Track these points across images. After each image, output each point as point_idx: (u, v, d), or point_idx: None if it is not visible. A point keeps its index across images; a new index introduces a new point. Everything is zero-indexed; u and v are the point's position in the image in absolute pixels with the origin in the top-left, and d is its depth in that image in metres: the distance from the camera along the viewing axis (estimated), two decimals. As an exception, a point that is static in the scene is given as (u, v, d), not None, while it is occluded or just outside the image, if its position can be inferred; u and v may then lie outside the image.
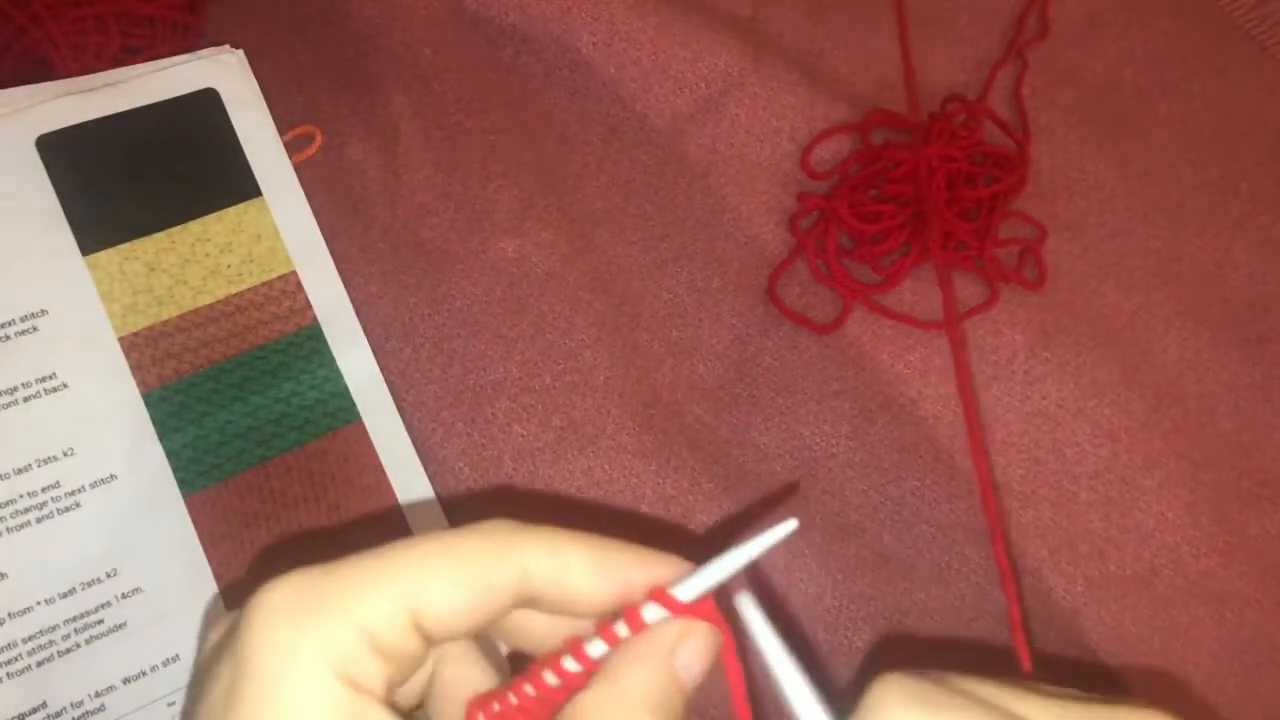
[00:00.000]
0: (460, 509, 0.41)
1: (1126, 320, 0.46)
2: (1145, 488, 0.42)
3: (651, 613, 0.24)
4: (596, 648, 0.24)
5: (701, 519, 0.41)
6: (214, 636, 0.23)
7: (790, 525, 0.24)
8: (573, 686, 0.23)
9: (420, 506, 0.40)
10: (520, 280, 0.44)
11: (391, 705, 0.22)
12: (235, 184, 0.42)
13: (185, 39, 0.46)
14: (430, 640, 0.23)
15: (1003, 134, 0.48)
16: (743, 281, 0.46)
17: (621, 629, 0.24)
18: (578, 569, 0.23)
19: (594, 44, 0.48)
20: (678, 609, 0.24)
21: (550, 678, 0.23)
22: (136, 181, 0.41)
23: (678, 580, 0.24)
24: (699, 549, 0.41)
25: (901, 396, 0.43)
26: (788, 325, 0.45)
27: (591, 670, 0.24)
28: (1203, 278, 0.47)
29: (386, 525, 0.39)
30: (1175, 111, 0.51)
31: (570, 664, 0.24)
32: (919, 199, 0.45)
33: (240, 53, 0.44)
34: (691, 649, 0.23)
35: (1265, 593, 0.41)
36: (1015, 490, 0.42)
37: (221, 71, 0.43)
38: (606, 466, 0.41)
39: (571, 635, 0.24)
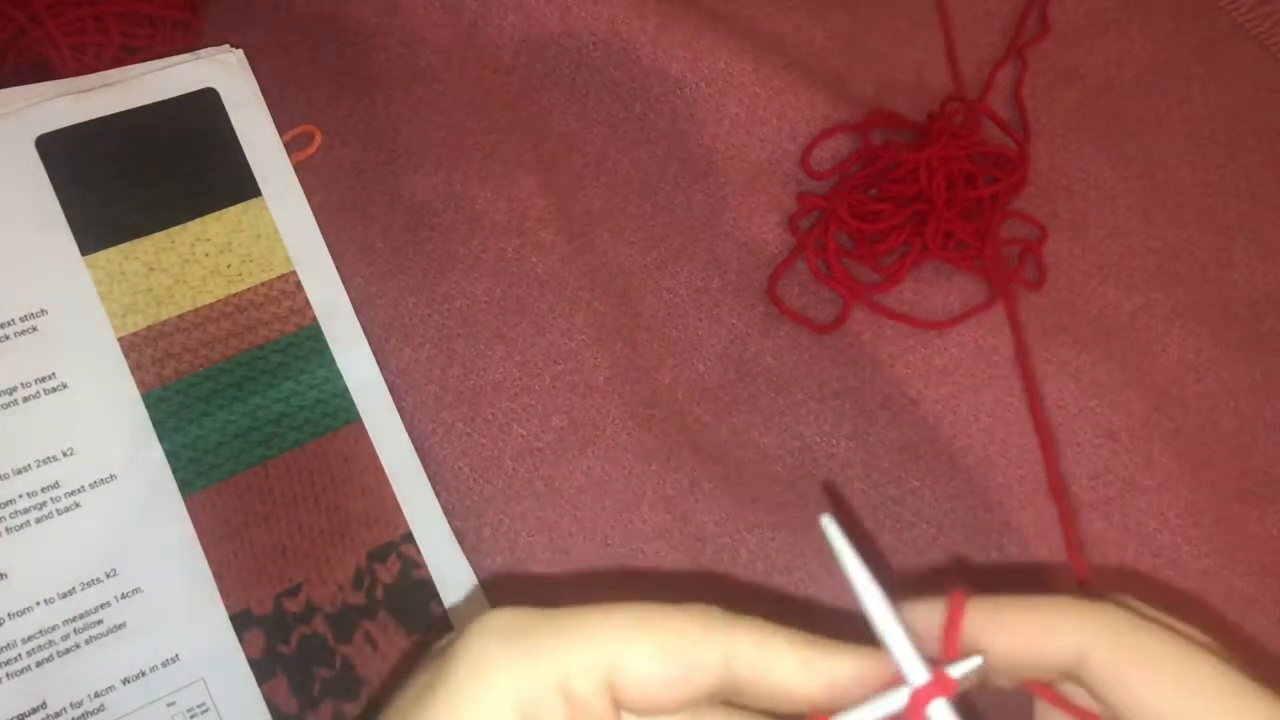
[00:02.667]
0: (461, 509, 0.41)
1: (1126, 320, 0.46)
2: (1145, 488, 0.42)
3: None
4: None
5: (701, 519, 0.41)
6: (440, 643, 0.25)
7: (976, 661, 0.24)
8: None
9: (420, 507, 0.40)
10: (520, 280, 0.44)
11: None
12: (235, 184, 0.42)
13: (185, 38, 0.46)
14: (622, 705, 0.23)
15: (1003, 134, 0.48)
16: (743, 281, 0.46)
17: None
18: (785, 663, 0.23)
19: (594, 44, 0.48)
20: None
21: None
22: (136, 181, 0.41)
23: (861, 701, 0.23)
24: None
25: (901, 396, 0.43)
26: (788, 325, 0.45)
27: None
28: (1203, 278, 0.47)
29: (386, 525, 0.39)
30: (1175, 111, 0.51)
31: None
32: (919, 199, 0.45)
33: (240, 52, 0.44)
34: None
35: (1265, 593, 0.41)
36: (1015, 490, 0.42)
37: (221, 71, 0.43)
38: (606, 466, 0.41)
39: None
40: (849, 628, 0.25)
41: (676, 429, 0.42)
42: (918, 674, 0.23)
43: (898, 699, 0.23)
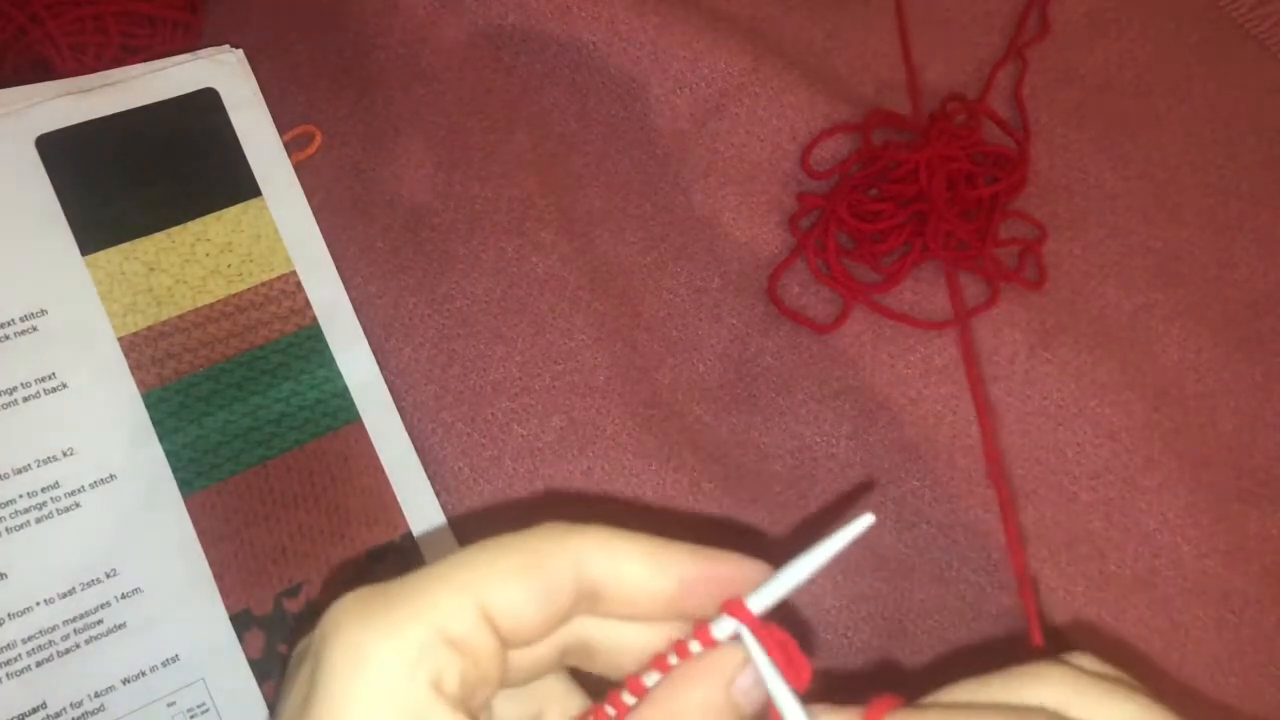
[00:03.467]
0: (460, 509, 0.41)
1: (1126, 320, 0.46)
2: (1145, 488, 0.42)
3: (724, 627, 0.23)
4: (660, 673, 0.23)
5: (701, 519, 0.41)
6: (298, 649, 0.24)
7: (867, 520, 0.22)
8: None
9: (420, 507, 0.40)
10: (520, 280, 0.44)
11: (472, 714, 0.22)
12: (235, 184, 0.42)
13: (185, 39, 0.46)
14: (506, 640, 0.23)
15: (1003, 134, 0.48)
16: (743, 281, 0.46)
17: (694, 645, 0.23)
18: (632, 560, 0.23)
19: (594, 44, 0.48)
20: (752, 622, 0.22)
21: (627, 696, 0.23)
22: (136, 181, 0.41)
23: (751, 586, 0.23)
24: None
25: (901, 396, 0.43)
26: (788, 325, 0.45)
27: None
28: (1203, 278, 0.47)
29: (386, 525, 0.39)
30: (1175, 111, 0.51)
31: (635, 689, 0.23)
32: (919, 199, 0.45)
33: (240, 52, 0.44)
34: (754, 673, 0.22)
35: (1265, 593, 0.41)
36: (1015, 490, 0.42)
37: (221, 71, 0.43)
38: (606, 466, 0.41)
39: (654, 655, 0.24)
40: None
41: (676, 429, 0.42)
42: None
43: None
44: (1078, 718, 0.22)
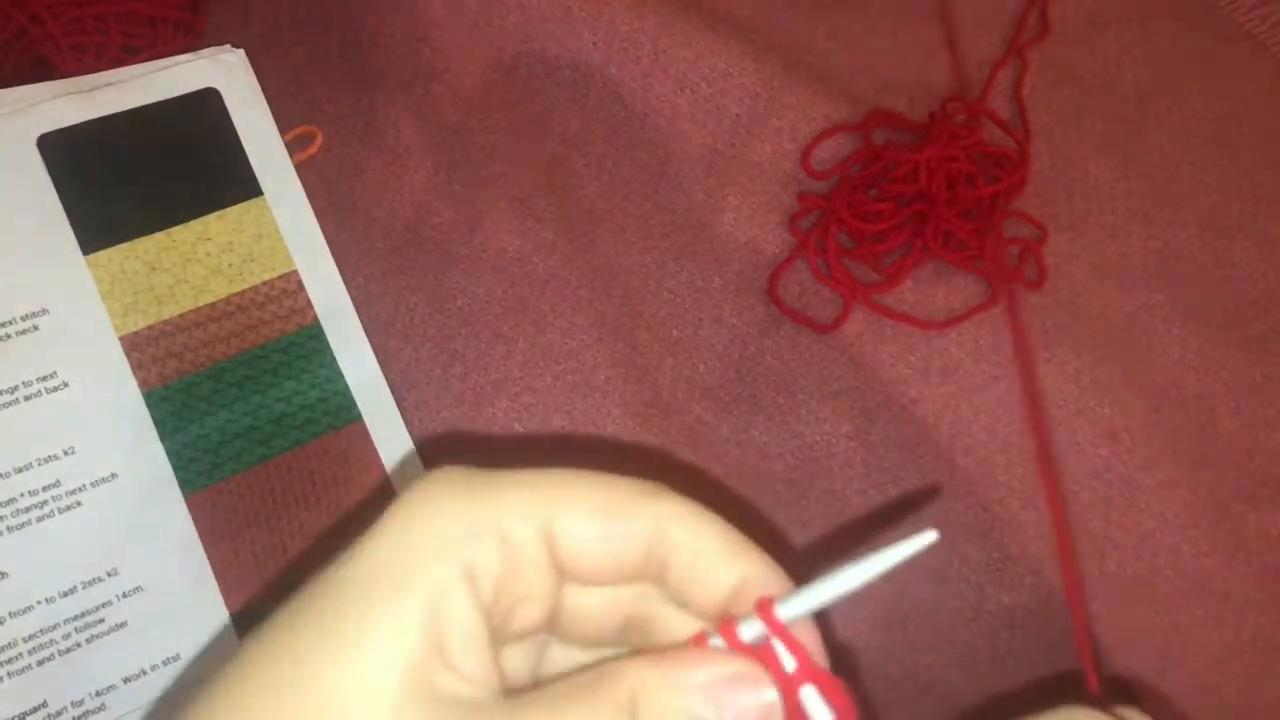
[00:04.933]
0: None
1: (1126, 320, 0.46)
2: (1145, 488, 0.42)
3: (751, 629, 0.21)
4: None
5: (701, 518, 0.41)
6: None
7: (930, 536, 0.21)
8: None
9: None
10: (520, 280, 0.44)
11: (494, 628, 0.22)
12: (236, 183, 0.42)
13: (186, 39, 0.46)
14: (562, 568, 0.23)
15: (1003, 134, 0.48)
16: (743, 281, 0.46)
17: (716, 640, 0.22)
18: (714, 544, 0.23)
19: (594, 44, 0.48)
20: (776, 628, 0.21)
21: None
22: (137, 181, 0.41)
23: (789, 593, 0.22)
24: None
25: (902, 396, 0.43)
26: (788, 325, 0.45)
27: None
28: (1203, 278, 0.47)
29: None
30: (1175, 111, 0.51)
31: None
32: (919, 199, 0.45)
33: (241, 52, 0.44)
34: (731, 700, 0.21)
35: (1265, 593, 0.41)
36: (1015, 490, 0.42)
37: (222, 71, 0.43)
38: (607, 467, 0.41)
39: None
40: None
41: (676, 429, 0.43)
42: None
43: None
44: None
